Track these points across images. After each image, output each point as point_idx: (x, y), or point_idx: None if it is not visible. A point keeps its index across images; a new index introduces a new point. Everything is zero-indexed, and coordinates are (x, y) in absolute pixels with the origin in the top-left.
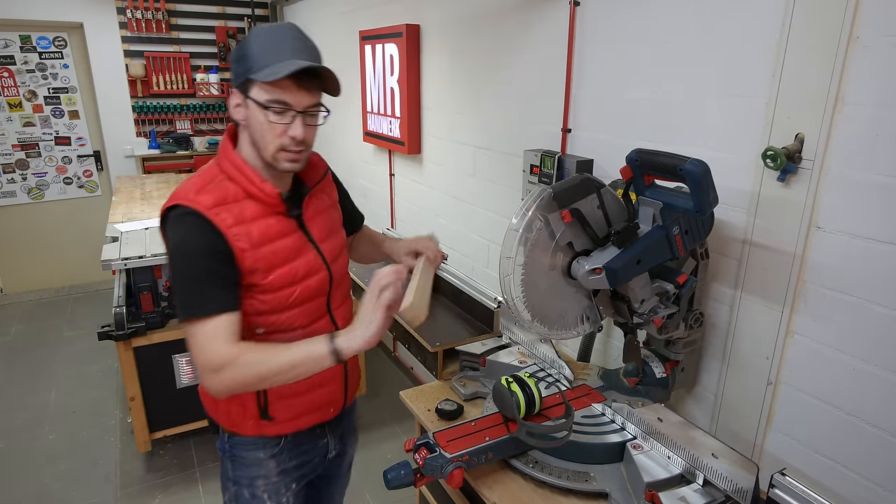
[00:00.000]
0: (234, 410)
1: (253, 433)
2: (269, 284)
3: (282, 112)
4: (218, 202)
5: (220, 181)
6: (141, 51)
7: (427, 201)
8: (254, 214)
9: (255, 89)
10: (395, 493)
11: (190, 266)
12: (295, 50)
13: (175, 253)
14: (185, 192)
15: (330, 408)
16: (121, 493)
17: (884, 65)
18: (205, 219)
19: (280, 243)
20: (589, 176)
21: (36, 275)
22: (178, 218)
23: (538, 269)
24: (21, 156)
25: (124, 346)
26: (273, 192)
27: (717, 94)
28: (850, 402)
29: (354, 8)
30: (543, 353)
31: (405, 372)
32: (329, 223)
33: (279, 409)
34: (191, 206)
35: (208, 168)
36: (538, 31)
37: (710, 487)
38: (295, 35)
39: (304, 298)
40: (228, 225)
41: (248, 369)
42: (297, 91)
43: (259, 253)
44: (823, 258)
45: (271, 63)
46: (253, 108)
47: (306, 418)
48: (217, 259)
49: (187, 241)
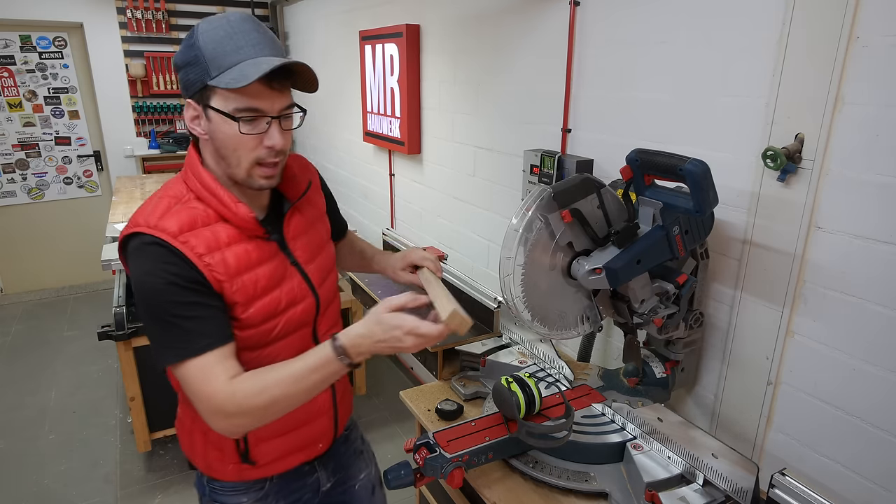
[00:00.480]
0: (211, 455)
1: (233, 478)
2: (248, 319)
3: (253, 120)
4: (185, 227)
5: (186, 201)
6: (141, 51)
7: (427, 201)
8: (229, 239)
9: (216, 98)
10: (395, 493)
11: (162, 304)
12: (255, 45)
13: (142, 291)
14: (147, 217)
15: (318, 443)
16: (121, 493)
17: (884, 65)
18: (171, 248)
19: (260, 271)
20: (589, 176)
21: (36, 275)
22: (140, 249)
23: (538, 269)
24: (21, 156)
25: (124, 346)
26: (248, 216)
27: (717, 94)
28: (850, 401)
29: (354, 8)
30: (543, 353)
31: (405, 372)
32: (315, 240)
33: (261, 452)
34: (153, 234)
35: (173, 185)
36: (538, 31)
37: (710, 487)
38: (251, 27)
39: (288, 330)
40: (199, 254)
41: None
42: (269, 94)
43: (237, 283)
44: (823, 258)
45: (232, 64)
46: (217, 119)
47: (292, 458)
48: (194, 291)
49: (154, 277)
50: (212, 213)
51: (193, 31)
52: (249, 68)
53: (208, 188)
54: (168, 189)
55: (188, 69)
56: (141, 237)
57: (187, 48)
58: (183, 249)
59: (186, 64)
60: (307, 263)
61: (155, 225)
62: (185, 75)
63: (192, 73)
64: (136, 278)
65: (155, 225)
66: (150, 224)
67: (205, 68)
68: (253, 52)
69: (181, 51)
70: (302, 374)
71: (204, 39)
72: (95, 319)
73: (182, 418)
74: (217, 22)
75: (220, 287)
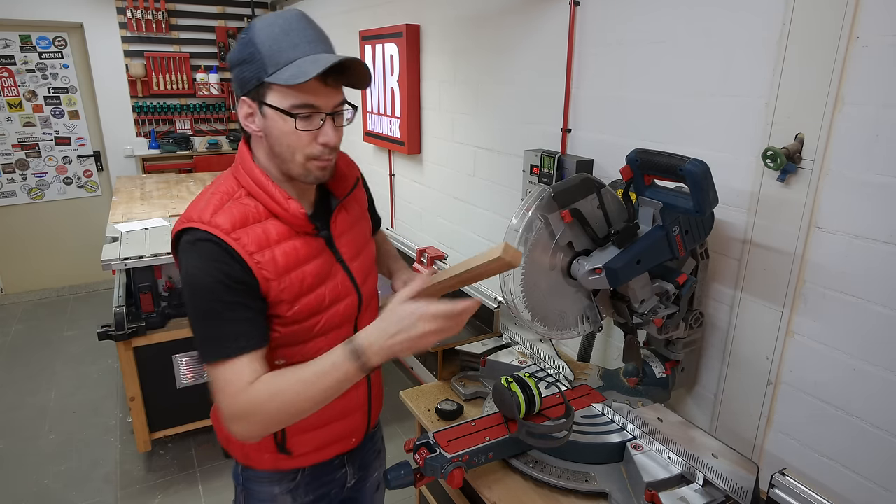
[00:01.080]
0: (248, 444)
1: (269, 467)
2: (293, 316)
3: (309, 117)
4: (237, 224)
5: (238, 198)
6: (141, 51)
7: (427, 201)
8: (279, 236)
9: (273, 95)
10: (395, 493)
11: (208, 302)
12: (311, 42)
13: (190, 286)
14: (200, 212)
15: (352, 437)
16: (121, 493)
17: (884, 65)
18: (223, 245)
19: (307, 268)
20: (589, 176)
21: (36, 275)
22: (192, 245)
23: (538, 269)
24: (21, 156)
25: (124, 346)
26: (300, 212)
27: (717, 94)
28: (850, 401)
29: (354, 8)
30: (543, 353)
31: (405, 372)
32: (359, 238)
33: (298, 443)
34: (206, 229)
35: (224, 181)
36: (538, 31)
37: (710, 487)
38: (307, 24)
39: (331, 326)
40: (250, 252)
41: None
42: (325, 91)
43: (285, 281)
44: (823, 258)
45: (290, 61)
46: (273, 116)
47: (327, 450)
48: (239, 291)
49: (203, 273)
50: (262, 209)
51: (249, 29)
52: (308, 65)
53: (260, 185)
54: (219, 185)
55: (244, 66)
56: (194, 233)
57: (243, 45)
58: (235, 246)
59: (242, 61)
60: (351, 261)
61: (208, 221)
62: (241, 73)
63: (248, 70)
64: (185, 272)
65: (208, 221)
66: (204, 220)
67: (261, 65)
68: (309, 48)
69: (236, 48)
70: (313, 379)
71: (261, 37)
72: (95, 319)
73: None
74: (273, 19)
75: (268, 286)
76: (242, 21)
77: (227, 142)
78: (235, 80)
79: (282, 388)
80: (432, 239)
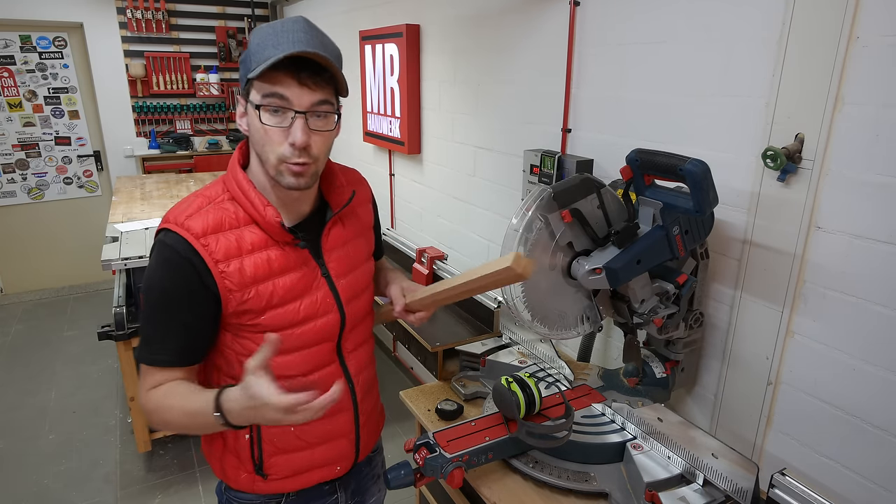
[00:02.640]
0: (227, 460)
1: (247, 489)
2: (260, 326)
3: (277, 111)
4: (210, 229)
5: (220, 202)
6: (141, 51)
7: (427, 201)
8: (252, 245)
9: (252, 91)
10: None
11: (156, 306)
12: (298, 42)
13: (146, 281)
14: (177, 214)
15: (336, 466)
16: (121, 493)
17: (884, 65)
18: (189, 250)
19: (280, 281)
20: (589, 176)
21: (36, 275)
22: (160, 245)
23: (538, 269)
24: (21, 156)
25: (124, 346)
26: (274, 220)
27: (717, 94)
28: (850, 401)
29: (354, 8)
30: (543, 353)
31: (405, 372)
32: (353, 255)
33: (275, 466)
34: (178, 231)
35: (213, 185)
36: (538, 31)
37: (710, 487)
38: (301, 27)
39: (305, 343)
40: (216, 260)
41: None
42: (296, 87)
43: (249, 293)
44: (823, 258)
45: (268, 57)
46: (250, 112)
47: (308, 476)
48: (188, 305)
49: (160, 272)
50: (243, 214)
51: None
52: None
53: (242, 189)
54: (206, 188)
55: (241, 68)
56: (166, 233)
57: (246, 49)
58: (202, 252)
59: (241, 63)
60: (339, 277)
61: (182, 223)
62: (240, 73)
63: (242, 70)
64: (148, 267)
65: (182, 223)
66: (179, 221)
67: (249, 64)
68: (291, 46)
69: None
70: (190, 411)
71: (255, 38)
72: (95, 319)
73: None
74: (274, 23)
75: (229, 296)
76: (242, 21)
77: (227, 142)
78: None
79: (168, 406)
80: (432, 239)
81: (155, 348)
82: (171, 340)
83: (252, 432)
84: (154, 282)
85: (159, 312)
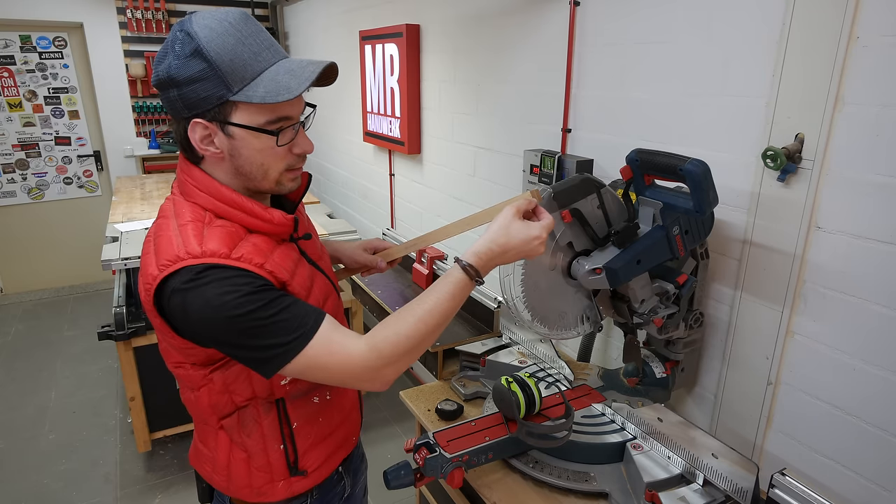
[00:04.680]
0: (257, 480)
1: (283, 496)
2: None
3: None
4: (230, 244)
5: (209, 222)
6: (141, 51)
7: (427, 201)
8: (268, 246)
9: (240, 113)
10: (395, 493)
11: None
12: (269, 48)
13: (221, 317)
14: (181, 249)
15: (352, 437)
16: (121, 493)
17: (884, 65)
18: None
19: (299, 272)
20: (589, 176)
21: (36, 275)
22: (199, 277)
23: (538, 269)
24: (21, 156)
25: (124, 346)
26: (286, 219)
27: (717, 94)
28: (850, 401)
29: (354, 8)
30: (543, 353)
31: (405, 372)
32: (316, 239)
33: (311, 458)
34: (203, 262)
35: (183, 211)
36: (538, 31)
37: (710, 487)
38: (254, 26)
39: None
40: (258, 263)
41: (399, 347)
42: (298, 101)
43: (295, 284)
44: (823, 258)
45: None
46: (243, 136)
47: (333, 459)
48: (270, 289)
49: (229, 295)
50: (238, 227)
51: (191, 40)
52: (286, 78)
53: (234, 204)
54: (181, 216)
55: (196, 85)
56: (190, 270)
57: (188, 60)
58: (242, 265)
59: (192, 80)
60: (319, 261)
61: (201, 253)
62: (192, 92)
63: (203, 88)
64: (206, 308)
65: (201, 253)
66: (194, 253)
67: (221, 83)
68: (270, 55)
69: (177, 65)
70: (439, 306)
71: (212, 49)
72: (95, 319)
73: (215, 450)
74: (218, 26)
75: (284, 288)
76: None
77: None
78: (182, 100)
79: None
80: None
81: (306, 319)
82: (301, 306)
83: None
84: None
85: (268, 308)
